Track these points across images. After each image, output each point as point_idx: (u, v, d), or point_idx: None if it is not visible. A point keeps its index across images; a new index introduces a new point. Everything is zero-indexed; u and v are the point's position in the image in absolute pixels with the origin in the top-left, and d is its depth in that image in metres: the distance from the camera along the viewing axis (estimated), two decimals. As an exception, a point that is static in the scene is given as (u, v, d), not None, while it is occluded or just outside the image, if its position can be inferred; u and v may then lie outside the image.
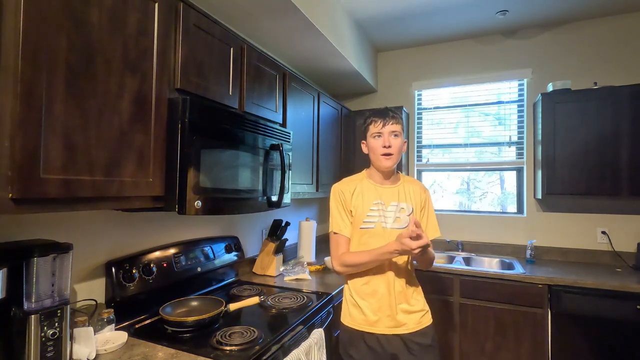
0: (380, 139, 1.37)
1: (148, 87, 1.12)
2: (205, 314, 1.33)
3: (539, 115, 2.54)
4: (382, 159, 1.37)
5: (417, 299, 1.41)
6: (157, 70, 1.15)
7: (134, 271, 1.38)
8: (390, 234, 1.35)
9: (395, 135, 1.37)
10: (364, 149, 1.47)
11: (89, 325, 1.12)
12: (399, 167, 2.85)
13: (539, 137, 2.53)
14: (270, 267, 2.13)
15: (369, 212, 1.38)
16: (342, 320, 1.44)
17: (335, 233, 1.41)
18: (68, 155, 0.89)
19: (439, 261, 2.78)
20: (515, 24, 2.79)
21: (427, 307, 1.44)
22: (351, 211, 1.41)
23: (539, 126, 2.53)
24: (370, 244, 1.35)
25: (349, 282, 1.43)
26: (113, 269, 1.32)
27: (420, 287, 1.46)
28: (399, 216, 1.38)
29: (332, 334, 1.77)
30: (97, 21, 0.96)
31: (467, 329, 2.34)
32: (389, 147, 1.36)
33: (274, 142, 1.69)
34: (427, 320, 1.41)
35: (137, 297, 1.38)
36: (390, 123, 1.36)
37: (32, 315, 0.92)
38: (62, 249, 0.99)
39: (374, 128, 1.39)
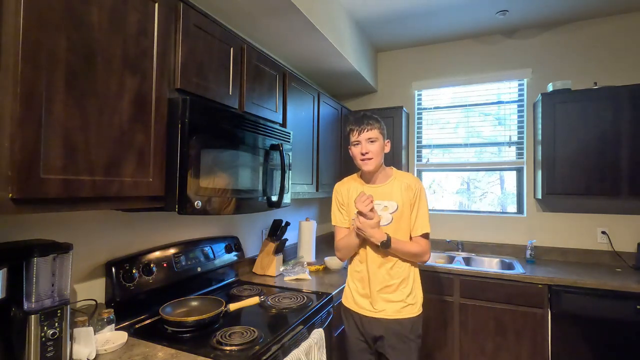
0: (359, 147, 1.47)
1: (148, 87, 1.12)
2: (205, 314, 1.33)
3: (539, 115, 2.54)
4: (362, 164, 1.49)
5: (402, 291, 1.46)
6: (157, 70, 1.15)
7: (134, 271, 1.38)
8: None
9: (372, 142, 1.45)
10: (351, 154, 1.55)
11: (89, 325, 1.12)
12: (399, 166, 2.85)
13: (539, 137, 2.53)
14: (270, 267, 2.13)
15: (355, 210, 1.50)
16: (342, 299, 1.63)
17: (335, 225, 1.63)
18: (68, 155, 0.89)
19: (439, 261, 2.77)
20: (515, 24, 2.79)
21: (412, 301, 1.47)
22: (345, 208, 1.59)
23: (539, 126, 2.53)
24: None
25: (348, 266, 1.61)
26: (113, 269, 1.32)
27: (413, 281, 1.49)
28: (381, 214, 1.47)
29: (332, 334, 1.77)
30: (97, 21, 0.96)
31: (467, 329, 2.34)
32: (367, 153, 1.45)
33: (274, 142, 1.69)
34: (408, 312, 1.45)
35: (137, 297, 1.38)
36: (366, 130, 1.45)
37: (32, 315, 0.92)
38: (62, 249, 0.99)
39: (352, 137, 1.49)
